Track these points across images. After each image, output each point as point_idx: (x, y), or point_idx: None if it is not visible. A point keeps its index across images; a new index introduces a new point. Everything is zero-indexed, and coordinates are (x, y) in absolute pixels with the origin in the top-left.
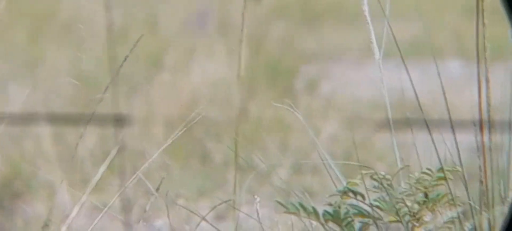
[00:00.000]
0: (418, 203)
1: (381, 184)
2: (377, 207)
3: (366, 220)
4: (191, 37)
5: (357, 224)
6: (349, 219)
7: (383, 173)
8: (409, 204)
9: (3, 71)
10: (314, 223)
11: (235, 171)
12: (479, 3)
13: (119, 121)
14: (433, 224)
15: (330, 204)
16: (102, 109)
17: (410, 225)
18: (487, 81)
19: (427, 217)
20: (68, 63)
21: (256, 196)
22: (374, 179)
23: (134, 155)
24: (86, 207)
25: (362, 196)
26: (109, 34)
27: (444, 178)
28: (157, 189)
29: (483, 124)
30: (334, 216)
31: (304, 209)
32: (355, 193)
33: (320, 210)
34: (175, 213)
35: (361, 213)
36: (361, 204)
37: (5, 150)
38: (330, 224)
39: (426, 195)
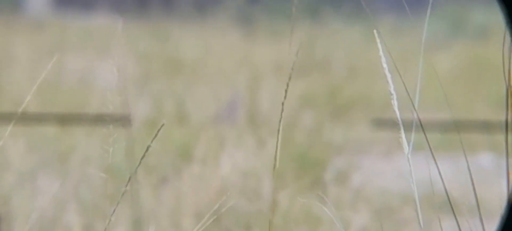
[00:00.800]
0: None
1: None
2: None
3: None
4: (221, 127)
5: None
6: None
7: None
8: None
9: (34, 163)
10: None
11: None
12: (508, 96)
13: (146, 212)
14: None
15: None
16: (127, 199)
17: None
18: None
19: None
20: (97, 155)
21: None
22: None
23: None
24: None
25: None
26: (138, 125)
27: None
28: None
29: None
30: None
31: None
32: None
33: None
34: None
35: None
36: None
37: None
38: None
39: None
